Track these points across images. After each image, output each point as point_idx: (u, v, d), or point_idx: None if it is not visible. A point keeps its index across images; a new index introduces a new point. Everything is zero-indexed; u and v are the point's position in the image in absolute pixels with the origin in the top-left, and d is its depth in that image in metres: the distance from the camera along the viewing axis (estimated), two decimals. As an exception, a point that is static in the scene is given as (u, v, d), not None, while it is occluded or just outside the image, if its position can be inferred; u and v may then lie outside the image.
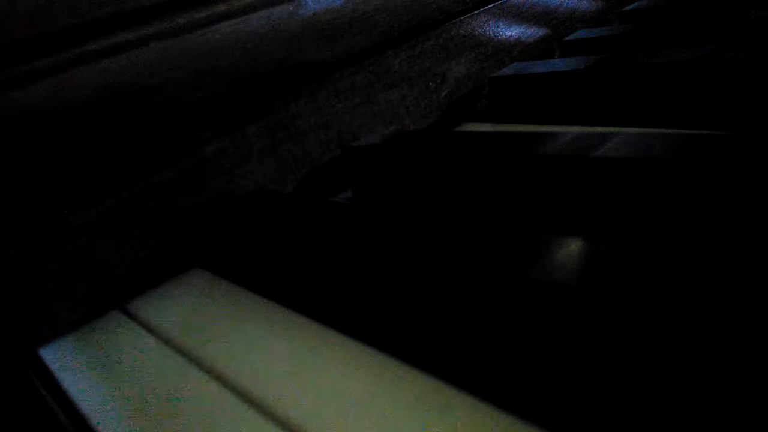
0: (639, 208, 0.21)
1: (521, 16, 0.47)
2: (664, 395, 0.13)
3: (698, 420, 0.12)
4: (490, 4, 0.44)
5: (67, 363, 0.23)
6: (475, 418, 0.14)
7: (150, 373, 0.20)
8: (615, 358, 0.13)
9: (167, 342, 0.22)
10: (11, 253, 0.23)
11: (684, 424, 0.12)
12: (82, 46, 0.24)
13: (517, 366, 0.16)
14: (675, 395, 0.12)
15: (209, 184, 0.29)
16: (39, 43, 0.23)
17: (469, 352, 0.17)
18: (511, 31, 0.46)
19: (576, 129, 0.33)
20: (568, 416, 0.14)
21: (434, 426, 0.14)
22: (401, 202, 0.31)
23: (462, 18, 0.42)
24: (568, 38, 0.49)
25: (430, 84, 0.40)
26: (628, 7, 0.57)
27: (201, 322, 0.23)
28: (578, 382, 0.14)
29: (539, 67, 0.40)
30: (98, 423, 0.18)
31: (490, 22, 0.44)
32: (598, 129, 0.32)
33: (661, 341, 0.12)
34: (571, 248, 0.16)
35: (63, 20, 0.24)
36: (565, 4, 0.51)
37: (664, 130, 0.29)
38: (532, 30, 0.48)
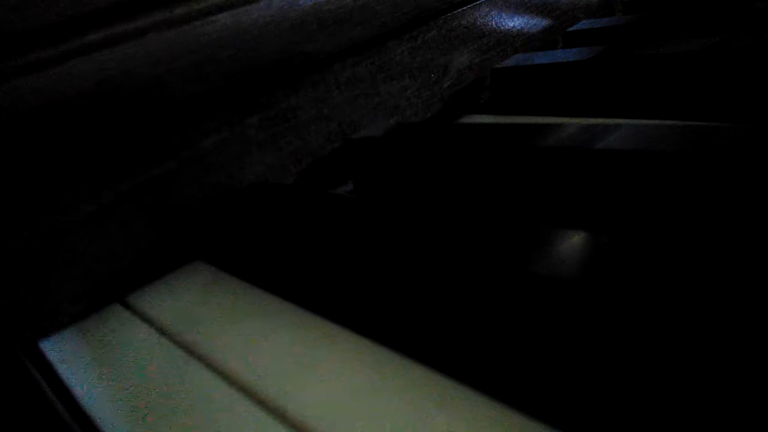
0: (643, 201, 0.21)
1: (524, 7, 0.46)
2: (662, 390, 0.12)
3: (702, 417, 0.12)
4: (493, -6, 0.43)
5: (67, 355, 0.22)
6: (479, 414, 0.14)
7: (150, 367, 0.20)
8: (614, 353, 0.13)
9: (167, 335, 0.22)
10: (11, 245, 0.23)
11: (686, 424, 0.12)
12: (81, 38, 0.24)
13: (520, 362, 0.16)
14: (675, 393, 0.12)
15: (210, 177, 0.29)
16: (38, 35, 0.23)
17: (472, 347, 0.17)
18: (514, 22, 0.45)
19: (580, 121, 0.33)
20: (574, 415, 0.14)
21: (438, 421, 0.14)
22: (403, 194, 0.31)
23: (464, 8, 0.41)
24: (571, 29, 0.48)
25: (432, 75, 0.40)
26: (632, -2, 0.57)
27: (201, 316, 0.22)
28: (582, 380, 0.14)
29: (542, 58, 0.40)
30: (97, 415, 0.18)
31: (493, 12, 0.43)
32: (602, 121, 0.32)
33: (661, 336, 0.12)
34: (574, 242, 0.16)
35: (62, 11, 0.23)
36: (569, -5, 0.50)
37: (669, 122, 0.29)
38: (535, 21, 0.47)
